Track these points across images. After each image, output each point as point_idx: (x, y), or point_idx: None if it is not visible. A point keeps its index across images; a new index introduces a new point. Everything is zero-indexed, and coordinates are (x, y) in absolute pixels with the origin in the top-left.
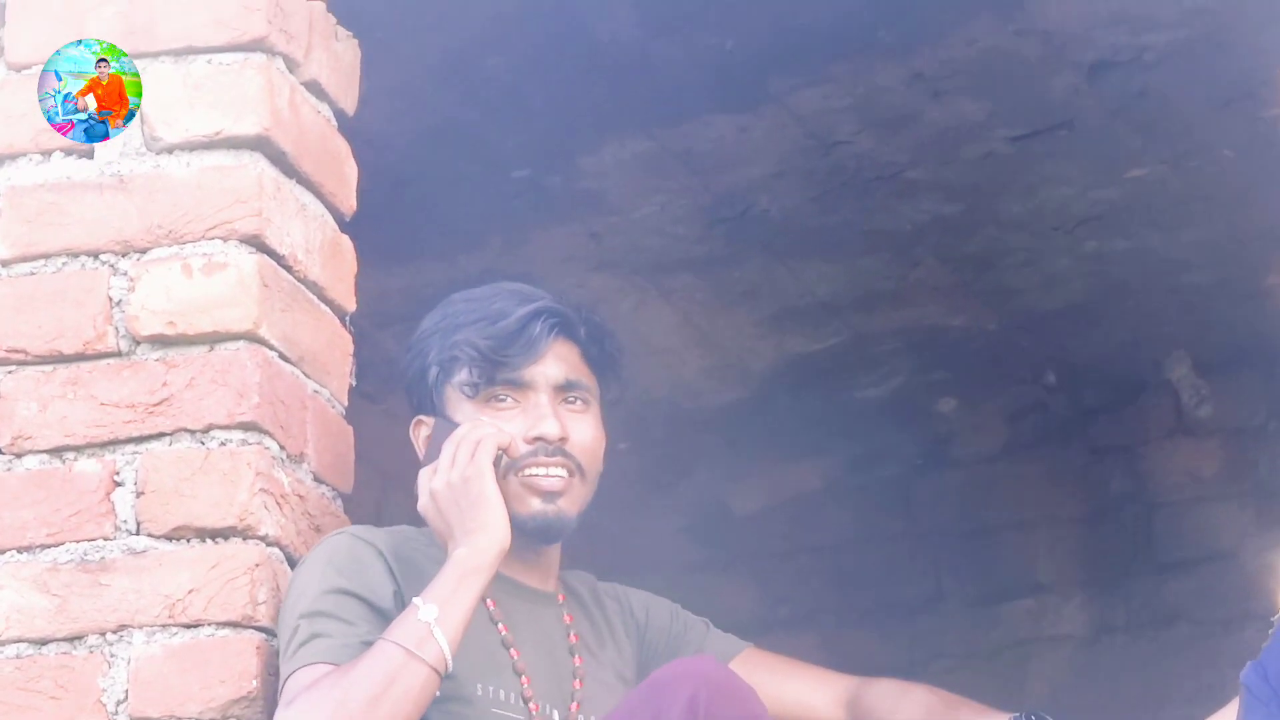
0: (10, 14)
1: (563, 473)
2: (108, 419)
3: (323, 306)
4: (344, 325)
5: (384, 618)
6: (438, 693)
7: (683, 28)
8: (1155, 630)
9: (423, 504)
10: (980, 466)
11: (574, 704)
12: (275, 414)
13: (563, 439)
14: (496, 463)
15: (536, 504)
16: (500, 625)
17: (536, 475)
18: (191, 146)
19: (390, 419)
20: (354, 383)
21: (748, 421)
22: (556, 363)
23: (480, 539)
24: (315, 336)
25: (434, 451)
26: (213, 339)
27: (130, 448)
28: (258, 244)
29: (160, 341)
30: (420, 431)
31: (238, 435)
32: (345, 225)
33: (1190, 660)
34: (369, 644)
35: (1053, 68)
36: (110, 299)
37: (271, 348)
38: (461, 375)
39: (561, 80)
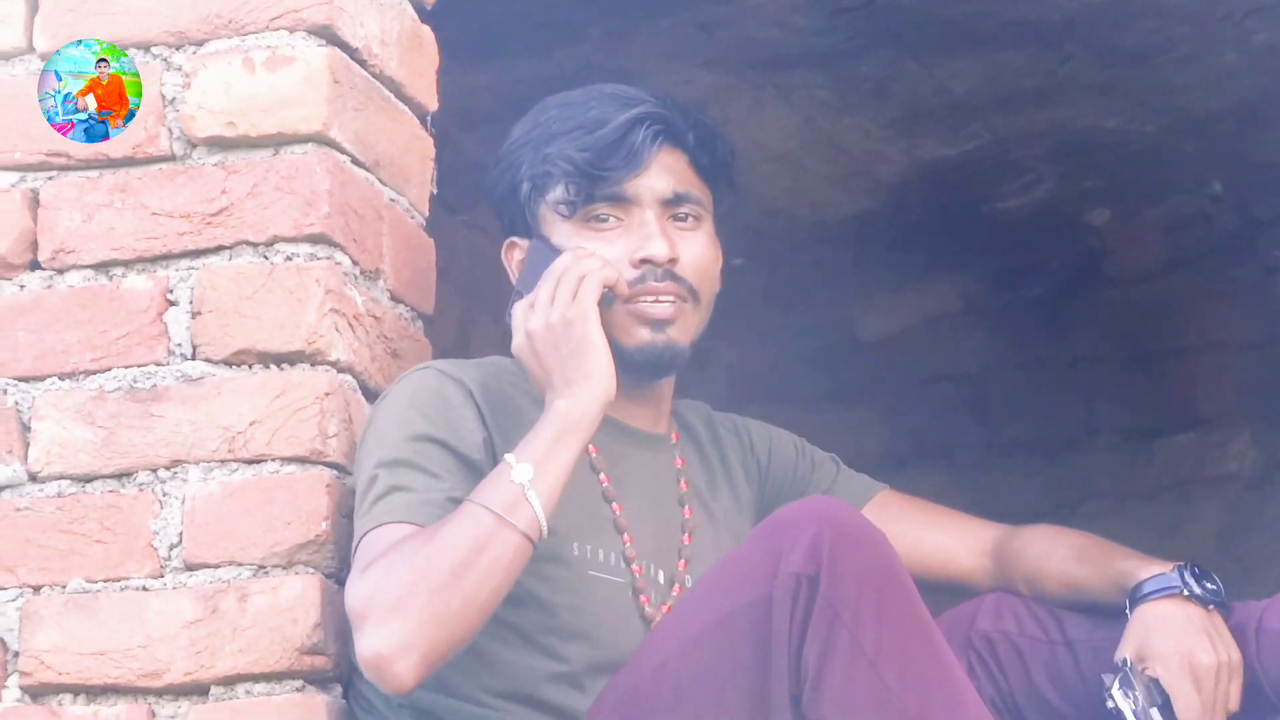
0: None
1: (673, 298)
2: (160, 230)
3: (401, 105)
4: (424, 126)
5: (473, 470)
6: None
7: None
8: None
9: (517, 345)
10: (1137, 285)
11: (681, 561)
12: (347, 225)
13: (673, 260)
14: (602, 301)
15: (645, 334)
16: (602, 475)
17: (645, 303)
18: None
19: (476, 232)
20: (435, 191)
21: (877, 235)
22: (662, 174)
23: (583, 390)
24: (392, 139)
25: (530, 279)
26: (277, 141)
27: (185, 262)
28: (328, 35)
29: (219, 144)
30: (514, 255)
31: (305, 248)
32: (426, 14)
33: None
34: (455, 501)
35: None
36: (163, 96)
37: (343, 151)
38: (556, 192)
39: None
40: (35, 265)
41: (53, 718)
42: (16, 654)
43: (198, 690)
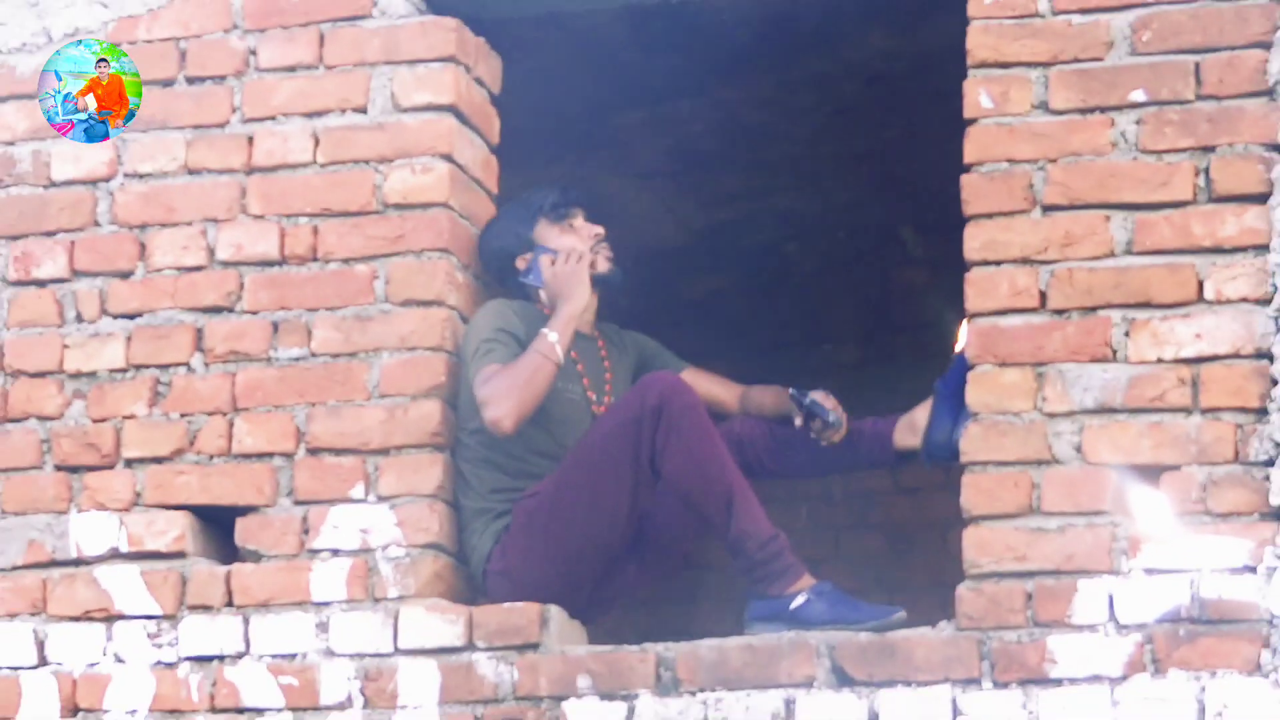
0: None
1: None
2: (373, 244)
3: (481, 190)
4: (491, 201)
5: (520, 344)
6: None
7: None
8: (893, 363)
9: (548, 276)
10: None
11: (607, 388)
12: (456, 243)
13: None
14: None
15: (605, 266)
16: (572, 353)
17: (602, 255)
18: (417, 109)
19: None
20: None
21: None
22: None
23: (575, 301)
24: (477, 206)
25: (534, 267)
26: (426, 205)
27: (383, 259)
28: (449, 159)
29: (399, 205)
30: (526, 258)
31: (438, 255)
32: (493, 149)
33: (917, 379)
34: (516, 356)
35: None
36: (375, 185)
37: (455, 210)
38: (549, 203)
39: None
40: (314, 259)
41: (318, 461)
42: (304, 434)
43: (384, 451)
